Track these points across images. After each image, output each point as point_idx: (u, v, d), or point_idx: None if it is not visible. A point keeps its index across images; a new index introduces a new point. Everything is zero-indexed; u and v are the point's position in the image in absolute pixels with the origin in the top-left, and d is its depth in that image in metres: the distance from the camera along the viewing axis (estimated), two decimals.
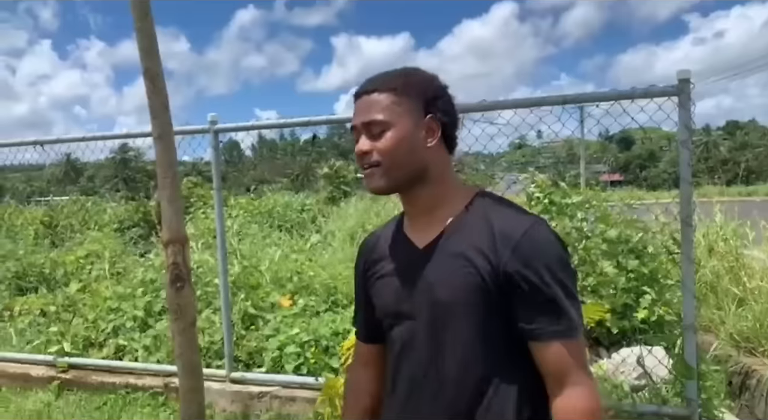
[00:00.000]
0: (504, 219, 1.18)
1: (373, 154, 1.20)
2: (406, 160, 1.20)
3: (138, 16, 2.54)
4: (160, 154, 2.59)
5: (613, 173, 56.49)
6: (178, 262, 2.62)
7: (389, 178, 1.21)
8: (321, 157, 59.34)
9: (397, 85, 1.21)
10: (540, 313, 1.12)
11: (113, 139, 4.43)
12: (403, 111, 1.20)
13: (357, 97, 1.25)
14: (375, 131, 1.20)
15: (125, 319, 5.00)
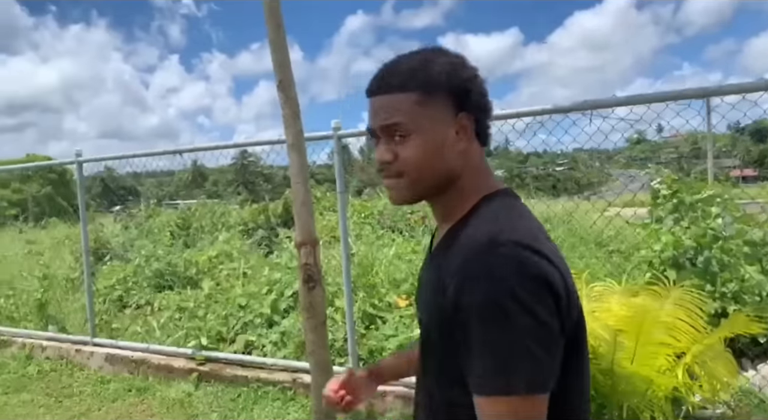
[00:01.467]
0: (469, 234, 0.98)
1: (396, 164, 1.04)
2: (434, 169, 1.04)
3: (272, 29, 2.68)
4: (293, 161, 2.72)
5: (746, 168, 51.83)
6: (310, 263, 2.74)
7: (415, 190, 1.06)
8: None
9: (420, 81, 1.02)
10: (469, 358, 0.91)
11: (245, 147, 4.70)
12: (429, 112, 1.02)
13: (372, 94, 1.07)
14: (397, 136, 1.04)
15: (253, 316, 5.30)
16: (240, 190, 40.02)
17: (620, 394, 2.43)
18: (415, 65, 1.04)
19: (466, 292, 0.90)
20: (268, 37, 2.70)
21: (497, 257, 0.89)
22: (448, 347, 0.96)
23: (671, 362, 2.51)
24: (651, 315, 2.46)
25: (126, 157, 5.46)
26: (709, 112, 7.58)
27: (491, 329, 0.86)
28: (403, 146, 1.02)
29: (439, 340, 1.00)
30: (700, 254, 4.11)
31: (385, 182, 1.08)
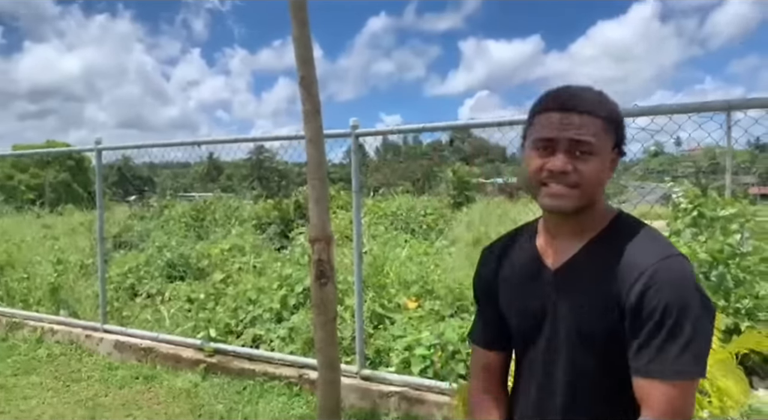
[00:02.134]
0: (636, 248, 1.16)
1: (573, 175, 1.17)
2: (596, 189, 1.20)
3: (296, 26, 2.70)
4: (310, 156, 2.73)
5: (764, 186, 51.16)
6: (323, 259, 2.75)
7: (581, 202, 1.19)
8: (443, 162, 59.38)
9: (605, 112, 1.20)
10: (658, 349, 1.08)
11: (260, 142, 4.74)
12: (606, 141, 1.19)
13: (561, 110, 1.19)
14: (579, 152, 1.17)
15: (262, 311, 5.32)
16: (254, 185, 40.21)
17: None
18: (597, 97, 1.21)
19: (664, 288, 1.08)
20: (292, 34, 2.72)
21: (685, 268, 1.12)
22: (615, 340, 1.14)
23: None
24: None
25: (144, 146, 5.52)
26: (730, 127, 7.53)
27: (698, 322, 1.07)
28: (584, 163, 1.16)
29: (601, 340, 1.16)
30: (714, 269, 4.08)
31: (554, 189, 1.18)
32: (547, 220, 1.29)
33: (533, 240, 1.33)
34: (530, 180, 1.24)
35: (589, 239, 1.23)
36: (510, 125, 3.25)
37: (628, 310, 1.11)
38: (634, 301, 1.10)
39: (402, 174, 56.27)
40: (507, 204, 13.30)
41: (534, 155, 1.21)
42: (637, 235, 1.19)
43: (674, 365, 1.06)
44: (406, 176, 54.47)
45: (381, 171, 55.47)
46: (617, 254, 1.16)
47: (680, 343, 1.06)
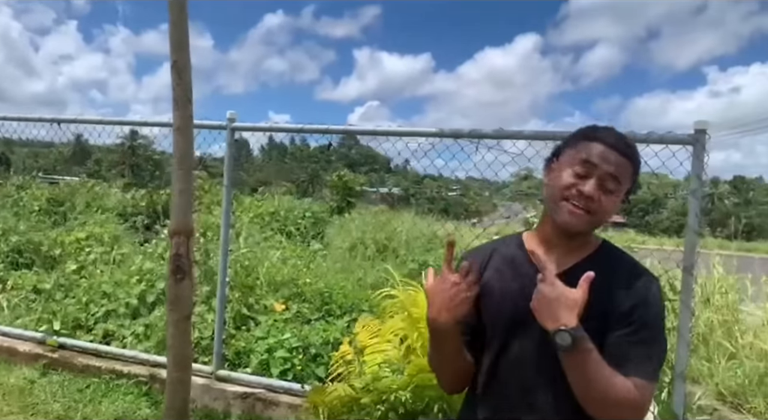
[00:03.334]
0: (625, 269, 1.42)
1: (595, 203, 1.36)
2: (603, 221, 1.41)
3: (174, 8, 2.58)
4: (177, 146, 2.62)
5: (617, 215, 56.47)
6: (181, 254, 2.64)
7: (590, 226, 1.40)
8: (329, 166, 59.38)
9: (637, 163, 1.43)
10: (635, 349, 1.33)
11: (129, 125, 4.47)
12: (626, 185, 1.41)
13: (609, 145, 1.38)
14: (608, 187, 1.37)
15: (117, 305, 5.00)
16: (125, 172, 37.78)
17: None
18: (634, 147, 1.42)
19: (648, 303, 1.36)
20: (169, 17, 2.60)
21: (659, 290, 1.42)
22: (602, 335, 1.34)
23: None
24: None
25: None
26: None
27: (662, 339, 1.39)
28: (607, 196, 1.37)
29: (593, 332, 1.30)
30: None
31: (572, 208, 1.37)
32: (551, 233, 1.46)
33: (522, 250, 1.50)
34: (555, 193, 1.41)
35: (585, 256, 1.44)
36: (385, 136, 3.32)
37: (617, 318, 1.34)
38: (626, 312, 1.34)
39: (286, 175, 55.69)
40: (387, 213, 13.54)
41: (570, 172, 1.39)
42: (623, 256, 1.47)
43: (653, 370, 1.33)
44: (291, 177, 53.98)
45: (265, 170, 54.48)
46: (610, 271, 1.39)
47: (656, 353, 1.35)
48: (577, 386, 1.31)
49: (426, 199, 54.27)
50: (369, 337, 3.50)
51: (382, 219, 10.69)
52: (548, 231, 1.46)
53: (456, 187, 56.99)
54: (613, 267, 1.41)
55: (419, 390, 2.65)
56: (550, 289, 1.31)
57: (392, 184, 60.74)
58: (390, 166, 77.87)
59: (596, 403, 1.30)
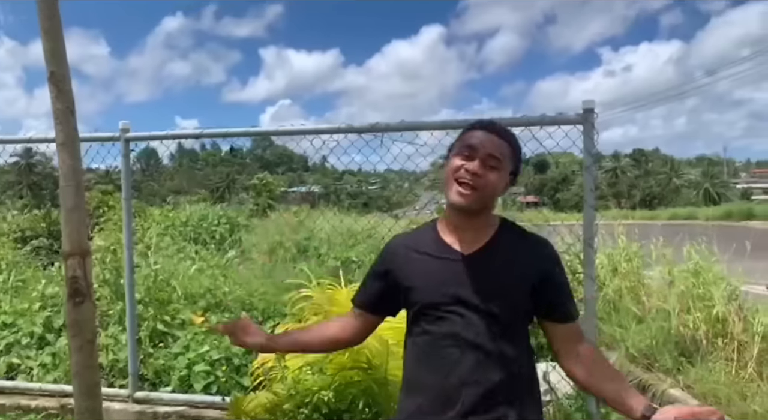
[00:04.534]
0: (531, 238, 1.67)
1: (480, 179, 1.54)
2: (491, 197, 1.60)
3: (45, 16, 2.42)
4: (62, 161, 2.46)
5: (529, 195, 58.77)
6: (77, 276, 2.48)
7: (479, 203, 1.57)
8: (244, 169, 58.11)
9: (515, 146, 1.64)
10: (568, 301, 1.63)
11: (14, 144, 4.16)
12: (507, 163, 1.60)
13: (485, 129, 1.61)
14: (489, 164, 1.56)
15: (21, 336, 4.67)
16: (23, 193, 35.37)
17: (394, 402, 2.55)
18: (510, 132, 1.67)
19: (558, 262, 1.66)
20: (40, 26, 2.43)
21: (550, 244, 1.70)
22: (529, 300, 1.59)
23: None
24: None
25: None
26: None
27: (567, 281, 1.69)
28: (490, 172, 1.56)
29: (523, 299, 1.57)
30: None
31: (461, 188, 1.55)
32: (453, 213, 1.63)
33: (436, 233, 1.66)
34: (448, 177, 1.59)
35: (491, 235, 1.62)
36: (289, 135, 3.26)
37: (540, 281, 1.58)
38: (547, 275, 1.59)
39: (199, 181, 54.05)
40: (307, 212, 13.40)
41: (457, 158, 1.58)
42: (520, 230, 1.69)
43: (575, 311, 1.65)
44: (204, 184, 52.45)
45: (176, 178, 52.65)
46: (517, 244, 1.62)
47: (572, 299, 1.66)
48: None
49: (347, 194, 54.35)
50: None
51: (302, 218, 10.59)
52: (452, 216, 1.64)
53: (376, 180, 57.44)
54: (517, 240, 1.64)
55: (341, 388, 2.64)
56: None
57: (312, 183, 60.36)
58: (308, 164, 77.28)
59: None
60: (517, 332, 1.59)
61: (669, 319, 5.07)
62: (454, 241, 1.62)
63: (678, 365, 4.67)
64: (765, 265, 6.54)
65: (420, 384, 1.59)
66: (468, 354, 1.52)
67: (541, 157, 63.88)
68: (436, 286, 1.58)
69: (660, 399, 4.29)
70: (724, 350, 4.61)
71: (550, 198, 64.27)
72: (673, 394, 4.30)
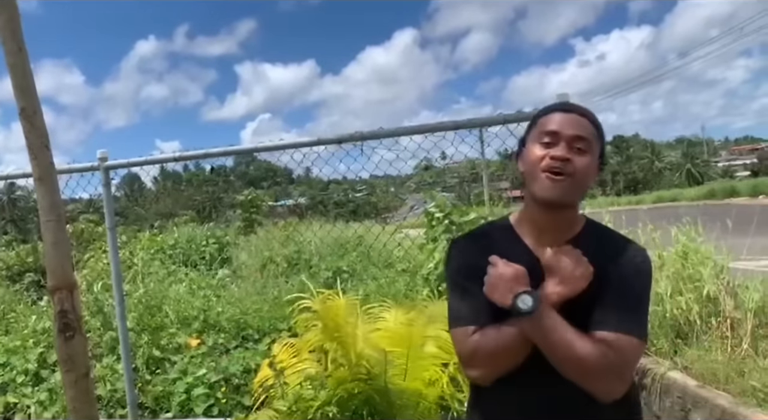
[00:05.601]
0: (615, 241, 1.46)
1: (570, 165, 1.36)
2: (584, 185, 1.41)
3: (10, 51, 2.40)
4: (41, 196, 2.43)
5: (515, 189, 59.01)
6: (66, 310, 2.46)
7: (573, 192, 1.38)
8: (229, 187, 57.89)
9: (598, 124, 1.45)
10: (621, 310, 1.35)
11: None
12: (595, 146, 1.42)
13: (564, 110, 1.43)
14: (577, 147, 1.37)
15: (15, 374, 4.63)
16: (7, 228, 34.96)
17: (396, 410, 2.55)
18: (591, 111, 1.45)
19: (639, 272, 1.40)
20: (6, 61, 2.41)
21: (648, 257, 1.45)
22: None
23: (440, 373, 2.71)
24: (418, 330, 2.64)
25: None
26: (482, 141, 8.57)
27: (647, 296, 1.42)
28: (580, 157, 1.37)
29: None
30: None
31: (553, 177, 1.36)
32: (536, 211, 1.44)
33: (514, 235, 1.48)
34: (530, 170, 1.41)
35: (575, 234, 1.44)
36: (268, 151, 3.26)
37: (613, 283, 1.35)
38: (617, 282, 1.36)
39: (185, 203, 53.71)
40: (296, 225, 13.35)
41: (537, 147, 1.40)
42: (607, 231, 1.52)
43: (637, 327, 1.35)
44: (190, 205, 52.12)
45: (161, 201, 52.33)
46: (600, 246, 1.41)
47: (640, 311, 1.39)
48: (546, 353, 1.32)
49: (334, 204, 54.28)
50: (289, 356, 3.43)
51: (289, 232, 10.56)
52: (534, 212, 1.45)
53: (362, 187, 57.44)
54: (602, 242, 1.44)
55: (343, 401, 2.63)
56: (494, 270, 1.37)
57: (298, 195, 60.24)
58: (292, 177, 77.14)
59: (565, 366, 1.32)
60: None
61: (662, 303, 5.10)
62: (536, 245, 1.44)
63: (675, 347, 4.69)
64: (751, 241, 6.61)
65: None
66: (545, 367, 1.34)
67: None
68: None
69: (660, 382, 4.32)
70: (718, 329, 4.65)
71: None
72: (672, 376, 4.32)
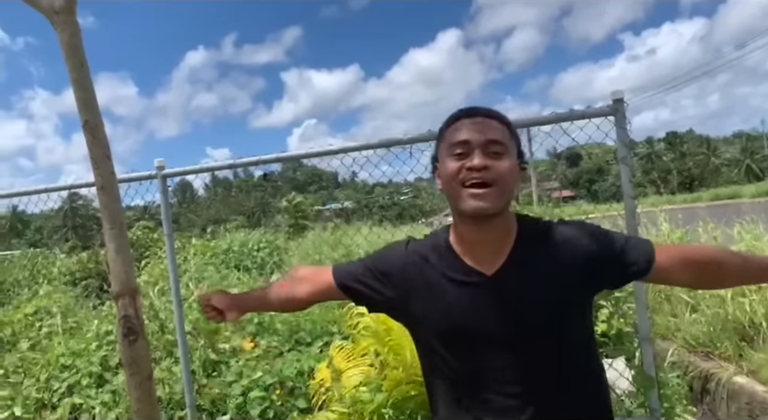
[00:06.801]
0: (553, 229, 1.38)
1: (490, 172, 1.26)
2: (511, 189, 1.31)
3: (73, 67, 2.50)
4: (103, 205, 2.52)
5: (565, 189, 57.91)
6: (129, 315, 2.54)
7: (501, 201, 1.29)
8: (277, 192, 58.89)
9: (508, 123, 1.36)
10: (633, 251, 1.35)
11: (57, 191, 4.31)
12: (512, 146, 1.33)
13: (469, 116, 1.33)
14: (493, 151, 1.28)
15: (80, 376, 4.80)
16: (69, 236, 36.48)
17: None
18: (501, 113, 1.36)
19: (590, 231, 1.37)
20: (69, 76, 2.52)
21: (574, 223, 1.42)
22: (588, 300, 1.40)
23: None
24: None
25: None
26: (530, 140, 8.43)
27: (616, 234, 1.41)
28: (498, 161, 1.28)
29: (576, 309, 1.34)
30: None
31: (473, 191, 1.27)
32: (467, 228, 1.34)
33: (454, 254, 1.36)
34: (449, 186, 1.31)
35: (513, 244, 1.34)
36: (318, 157, 3.30)
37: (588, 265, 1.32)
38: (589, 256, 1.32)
39: (235, 208, 54.91)
40: (343, 228, 13.49)
41: (451, 161, 1.30)
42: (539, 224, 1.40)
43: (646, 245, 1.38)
44: (240, 210, 53.25)
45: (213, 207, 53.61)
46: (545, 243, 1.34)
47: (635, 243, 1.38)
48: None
49: (380, 207, 54.48)
50: (345, 359, 3.46)
51: (338, 235, 10.65)
52: (464, 229, 1.35)
53: (407, 190, 57.47)
54: (543, 238, 1.36)
55: (399, 403, 2.64)
56: None
57: (344, 198, 60.75)
58: (338, 181, 77.91)
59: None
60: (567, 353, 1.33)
61: (724, 305, 4.92)
62: (472, 258, 1.34)
63: (739, 351, 4.51)
64: None
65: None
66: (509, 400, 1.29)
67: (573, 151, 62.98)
68: (458, 317, 1.32)
69: (725, 387, 4.15)
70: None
71: (587, 190, 63.18)
72: (738, 381, 4.15)
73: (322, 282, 1.54)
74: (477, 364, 1.31)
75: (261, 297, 1.69)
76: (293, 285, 1.61)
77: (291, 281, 1.63)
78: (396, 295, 1.42)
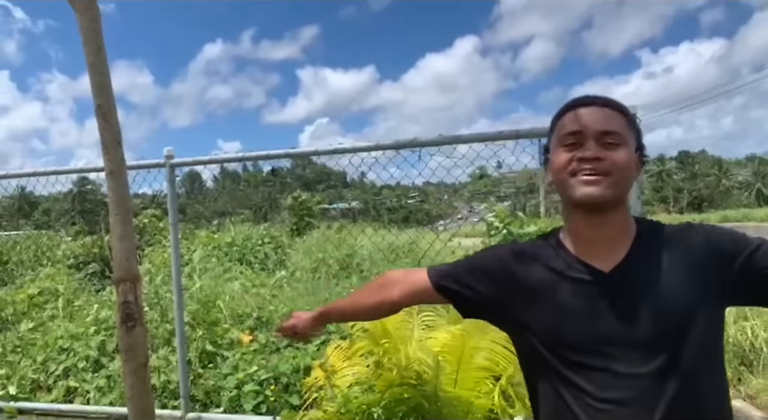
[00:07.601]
0: (675, 229, 1.27)
1: (603, 164, 1.18)
2: (627, 181, 1.21)
3: (91, 51, 2.51)
4: (111, 190, 2.54)
5: None
6: (129, 301, 2.55)
7: (614, 190, 1.18)
8: (284, 188, 59.05)
9: (626, 112, 1.26)
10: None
11: (67, 174, 4.34)
12: (630, 136, 1.23)
13: (584, 105, 1.25)
14: (609, 142, 1.19)
15: (77, 360, 4.82)
16: (76, 219, 36.65)
17: (444, 417, 2.53)
18: (615, 100, 1.26)
19: (734, 236, 1.22)
20: (86, 60, 2.53)
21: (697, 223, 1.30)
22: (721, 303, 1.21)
23: (490, 385, 2.66)
24: (471, 341, 2.61)
25: None
26: (540, 151, 8.44)
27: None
28: (614, 151, 1.19)
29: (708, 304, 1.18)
30: None
31: (587, 178, 1.18)
32: (580, 223, 1.25)
33: (566, 251, 1.27)
34: (558, 176, 1.23)
35: (632, 242, 1.23)
36: (328, 155, 3.30)
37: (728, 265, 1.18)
38: (731, 256, 1.18)
39: (242, 202, 55.08)
40: (349, 228, 13.48)
41: (562, 151, 1.22)
42: (661, 225, 1.29)
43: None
44: (247, 204, 53.40)
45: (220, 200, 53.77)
46: (674, 248, 1.21)
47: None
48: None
49: (386, 209, 54.51)
50: (341, 359, 3.46)
51: (343, 235, 10.66)
52: (578, 223, 1.26)
53: (415, 194, 57.50)
54: (668, 238, 1.24)
55: (391, 405, 2.63)
56: None
57: (351, 199, 60.79)
58: (346, 180, 77.94)
59: None
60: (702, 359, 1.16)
61: (726, 328, 4.89)
62: (587, 257, 1.24)
63: (738, 375, 4.48)
64: None
65: None
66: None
67: None
68: (575, 319, 1.20)
69: None
70: None
71: None
72: (735, 405, 4.11)
73: (415, 283, 1.48)
74: (604, 368, 1.17)
75: (343, 310, 1.71)
76: (384, 288, 1.55)
77: (380, 286, 1.58)
78: (500, 296, 1.33)
